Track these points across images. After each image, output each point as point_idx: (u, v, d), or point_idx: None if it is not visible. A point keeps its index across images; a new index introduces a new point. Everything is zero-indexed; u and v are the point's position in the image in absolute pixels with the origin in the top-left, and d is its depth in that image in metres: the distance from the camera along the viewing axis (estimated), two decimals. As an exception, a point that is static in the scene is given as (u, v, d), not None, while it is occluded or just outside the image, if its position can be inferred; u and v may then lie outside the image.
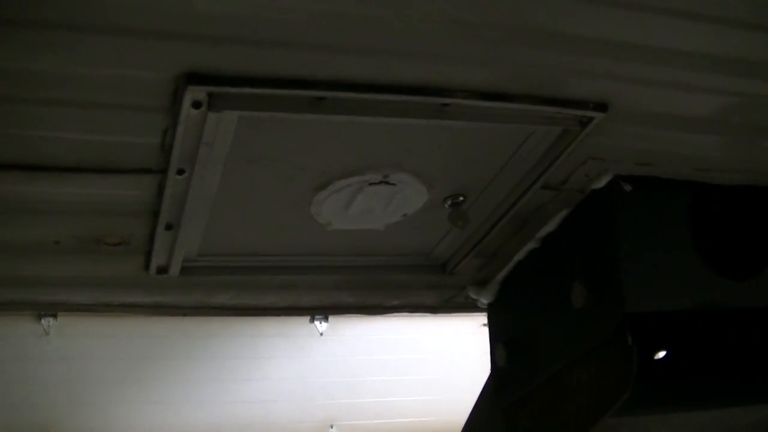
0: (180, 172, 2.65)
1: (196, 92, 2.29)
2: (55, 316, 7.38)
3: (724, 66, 2.50)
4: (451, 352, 8.40)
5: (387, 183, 2.93)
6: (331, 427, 8.01)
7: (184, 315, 3.85)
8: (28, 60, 2.14)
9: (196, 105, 2.32)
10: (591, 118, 2.64)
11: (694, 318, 3.23)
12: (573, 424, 3.18)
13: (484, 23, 2.23)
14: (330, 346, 8.13)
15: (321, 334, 8.04)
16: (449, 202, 3.10)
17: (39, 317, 7.38)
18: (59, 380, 7.39)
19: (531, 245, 3.41)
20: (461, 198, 3.09)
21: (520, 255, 3.49)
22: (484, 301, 3.79)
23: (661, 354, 3.37)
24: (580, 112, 2.63)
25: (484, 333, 8.31)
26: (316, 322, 8.01)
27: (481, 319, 8.08)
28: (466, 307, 4.06)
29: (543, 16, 2.23)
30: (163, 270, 3.25)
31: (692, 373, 3.28)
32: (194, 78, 2.25)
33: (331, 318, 8.00)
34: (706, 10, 2.26)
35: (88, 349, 7.48)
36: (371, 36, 2.22)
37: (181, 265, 3.23)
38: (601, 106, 2.61)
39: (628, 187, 3.00)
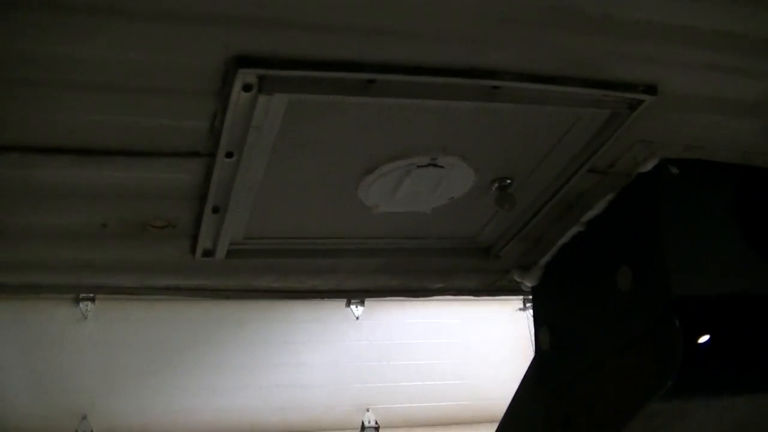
0: (228, 155, 2.64)
1: (246, 75, 2.29)
2: (93, 300, 7.43)
3: None
4: (486, 337, 8.41)
5: (435, 166, 2.91)
6: (368, 410, 8.03)
7: (227, 298, 3.85)
8: (78, 45, 2.15)
9: (247, 88, 2.33)
10: (640, 101, 2.63)
11: (738, 302, 3.21)
12: (616, 410, 3.16)
13: (533, 7, 2.24)
14: (365, 330, 8.15)
15: (357, 318, 8.06)
16: (496, 185, 3.08)
17: (77, 301, 7.43)
18: (96, 365, 7.43)
19: (576, 229, 3.38)
20: (508, 181, 3.07)
21: (565, 239, 3.46)
22: (528, 284, 3.77)
23: (705, 338, 3.35)
24: (629, 95, 2.62)
25: (520, 318, 8.34)
26: (352, 307, 8.04)
27: (517, 303, 8.09)
28: (510, 290, 4.02)
29: (590, 0, 2.23)
30: (209, 253, 3.24)
31: (736, 359, 3.26)
32: (245, 61, 2.26)
33: (366, 302, 8.02)
34: None
35: (125, 334, 7.53)
36: (420, 19, 2.22)
37: (227, 248, 3.23)
38: (651, 89, 2.61)
39: (675, 170, 2.98)
